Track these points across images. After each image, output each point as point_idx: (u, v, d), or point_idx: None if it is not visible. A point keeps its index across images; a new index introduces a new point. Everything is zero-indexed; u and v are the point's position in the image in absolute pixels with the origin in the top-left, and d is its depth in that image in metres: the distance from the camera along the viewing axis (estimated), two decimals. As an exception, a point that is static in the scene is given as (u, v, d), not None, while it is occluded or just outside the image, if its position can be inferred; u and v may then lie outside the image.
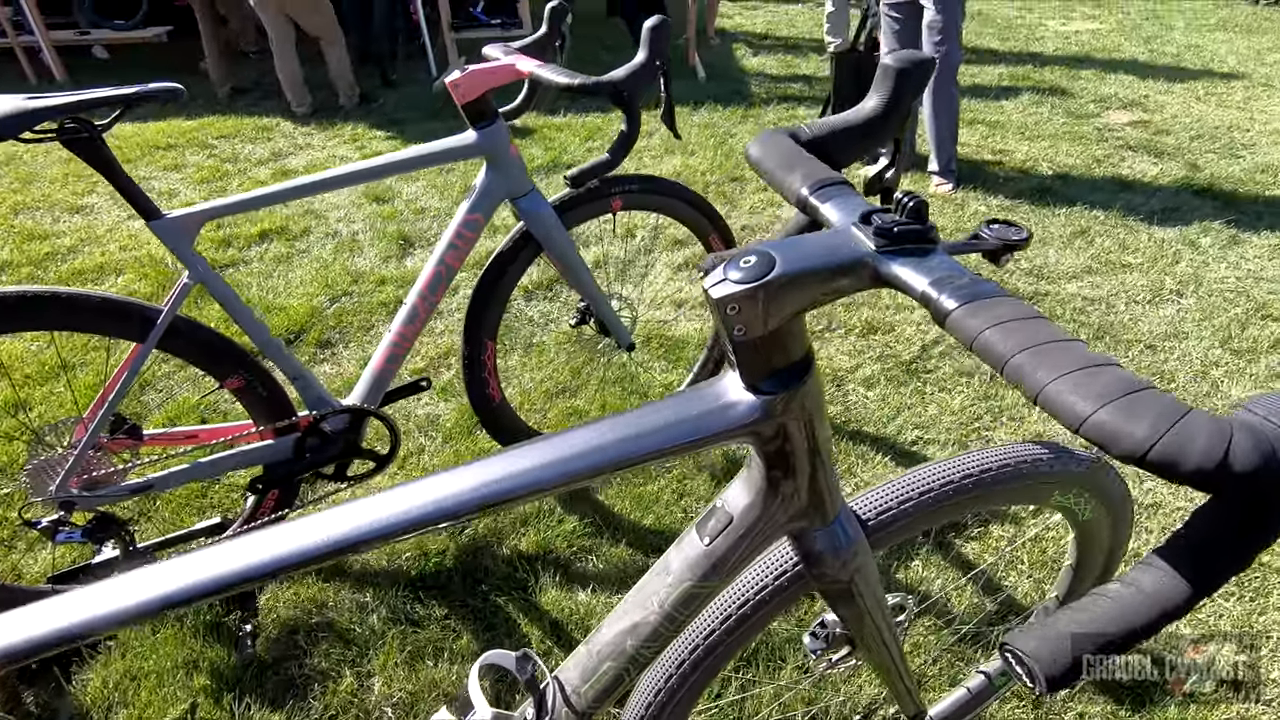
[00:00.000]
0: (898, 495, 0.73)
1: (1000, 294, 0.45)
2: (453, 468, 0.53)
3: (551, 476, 0.52)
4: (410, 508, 0.50)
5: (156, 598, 0.47)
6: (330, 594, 1.52)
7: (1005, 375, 0.41)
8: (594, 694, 0.70)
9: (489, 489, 0.51)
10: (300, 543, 0.49)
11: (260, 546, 0.49)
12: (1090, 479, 0.83)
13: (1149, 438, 0.35)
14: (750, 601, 0.73)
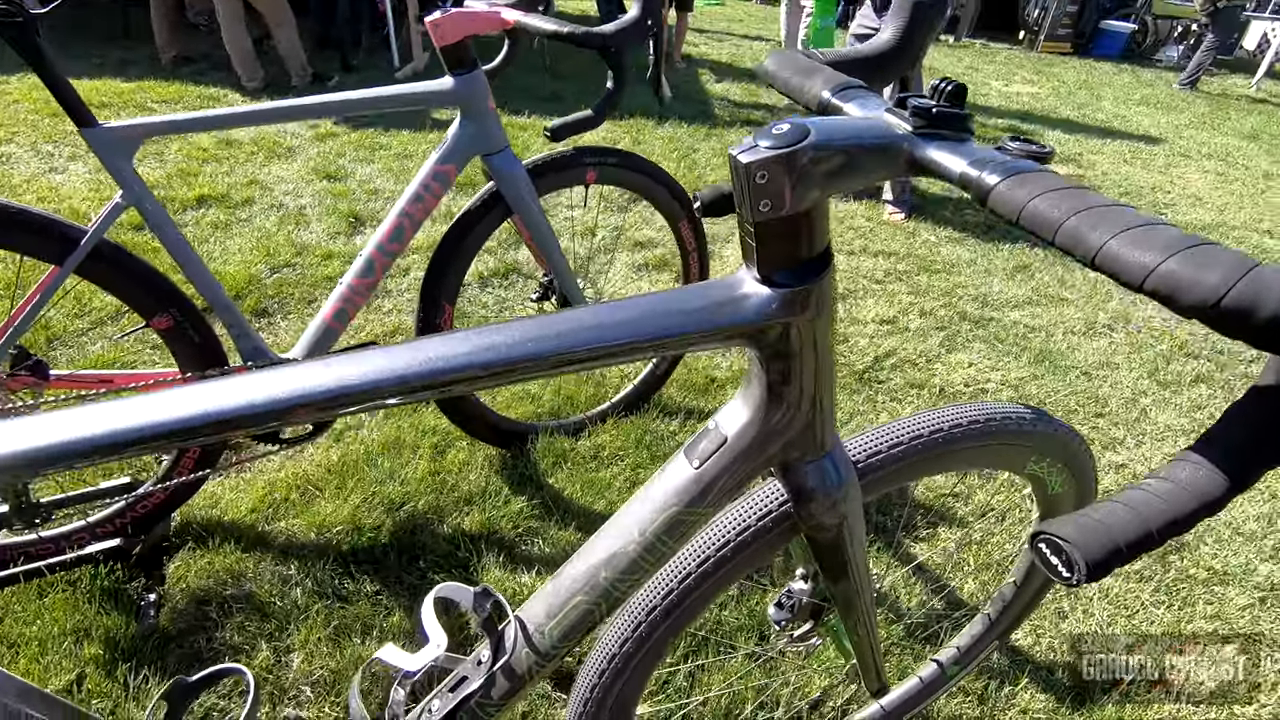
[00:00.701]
0: (889, 439, 0.71)
1: (1041, 169, 0.43)
2: (442, 334, 0.48)
3: (547, 350, 0.47)
4: (406, 365, 0.45)
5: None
6: (249, 565, 1.40)
7: (1058, 241, 0.39)
8: (560, 632, 0.64)
9: (480, 356, 0.46)
10: (255, 395, 0.42)
11: (223, 391, 0.42)
12: (1065, 448, 0.83)
13: (1221, 285, 0.33)
14: (731, 543, 0.68)
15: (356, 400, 0.44)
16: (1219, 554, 1.65)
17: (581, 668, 0.77)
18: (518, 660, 0.65)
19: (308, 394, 0.43)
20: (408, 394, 0.46)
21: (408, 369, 0.45)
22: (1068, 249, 0.39)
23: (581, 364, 0.49)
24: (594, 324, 0.48)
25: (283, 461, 1.67)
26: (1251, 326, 0.33)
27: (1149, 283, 0.35)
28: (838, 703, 1.24)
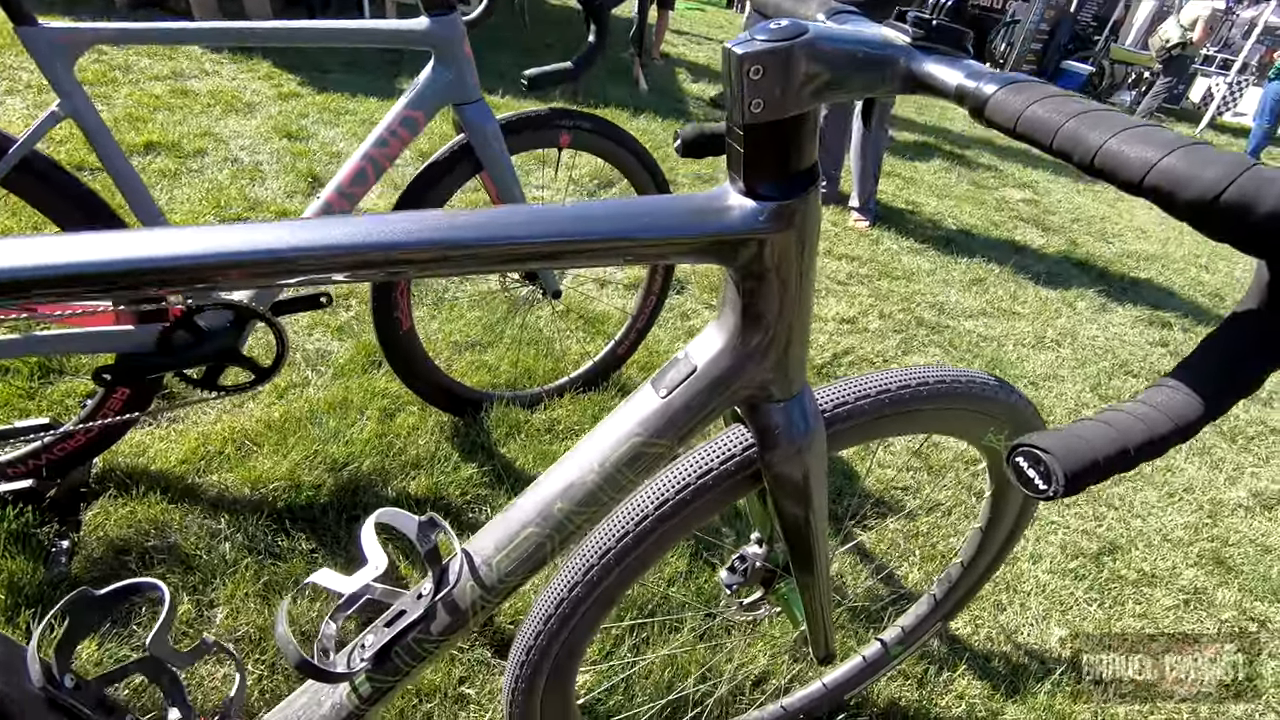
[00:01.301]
0: (856, 391, 0.70)
1: (1035, 79, 0.43)
2: (391, 214, 0.44)
3: (508, 237, 0.44)
4: (352, 235, 0.41)
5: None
6: (175, 516, 1.32)
7: (1056, 145, 0.39)
8: (508, 565, 0.61)
9: (431, 235, 0.43)
10: (181, 247, 0.38)
11: (148, 241, 0.38)
12: (1025, 423, 0.83)
13: (1221, 179, 0.33)
14: (691, 486, 0.66)
15: (291, 266, 0.41)
16: (1149, 558, 1.71)
17: (528, 614, 0.74)
18: (461, 593, 0.61)
19: (236, 254, 0.39)
20: (351, 267, 0.42)
21: (353, 239, 0.41)
22: (1066, 151, 0.38)
23: (544, 259, 0.46)
24: (562, 217, 0.46)
25: (218, 415, 1.58)
26: (1248, 224, 0.33)
27: (1150, 178, 0.34)
28: (781, 681, 1.24)
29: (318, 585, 0.57)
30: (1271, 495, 2.04)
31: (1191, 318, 3.15)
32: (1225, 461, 2.16)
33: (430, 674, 1.14)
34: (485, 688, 1.15)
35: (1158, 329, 2.97)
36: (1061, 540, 1.71)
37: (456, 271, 0.46)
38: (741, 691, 1.21)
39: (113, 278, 0.38)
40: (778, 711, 1.14)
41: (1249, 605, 1.62)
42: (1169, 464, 2.10)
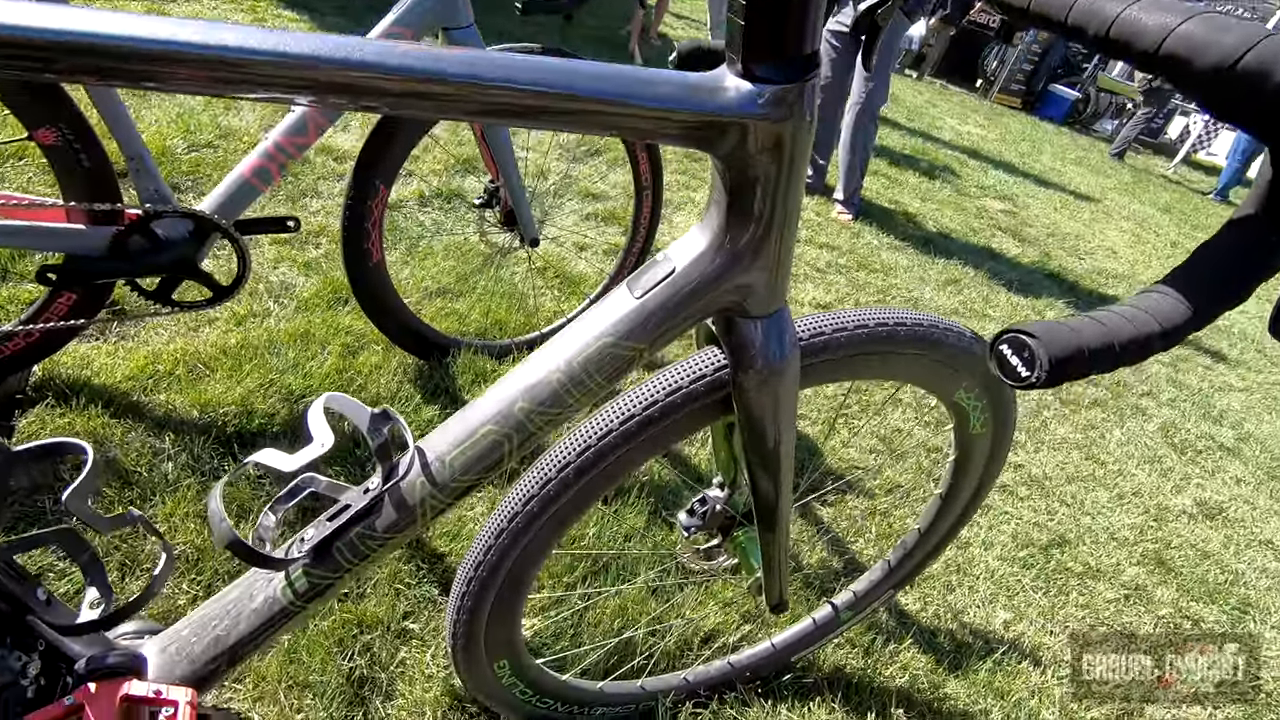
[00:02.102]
0: (834, 323, 0.69)
1: None
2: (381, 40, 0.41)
3: (489, 79, 0.41)
4: (323, 48, 0.38)
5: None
6: (117, 432, 1.26)
7: (1071, 18, 0.37)
8: (463, 463, 0.58)
9: (405, 63, 0.40)
10: (121, 28, 0.35)
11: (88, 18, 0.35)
12: (995, 383, 0.83)
13: (1240, 45, 0.31)
14: (659, 403, 0.64)
15: (243, 71, 0.37)
16: (1095, 553, 1.74)
17: (480, 530, 0.72)
18: (410, 489, 0.59)
19: (187, 45, 0.36)
20: (310, 86, 0.39)
21: (316, 52, 0.38)
22: (1080, 24, 0.37)
23: (525, 114, 0.44)
24: (552, 68, 0.43)
25: (171, 336, 1.52)
26: (1264, 95, 0.31)
27: (1167, 44, 0.33)
28: (730, 640, 1.23)
29: (260, 464, 0.54)
30: (1214, 505, 2.10)
31: (1153, 336, 3.22)
32: (1174, 471, 2.22)
33: (373, 606, 1.11)
34: (430, 624, 1.12)
35: (1120, 343, 3.04)
36: (1013, 530, 1.74)
37: (430, 112, 0.42)
38: (690, 646, 1.20)
39: (55, 49, 0.34)
40: (724, 668, 1.14)
41: (1185, 605, 1.67)
42: (1120, 468, 2.15)
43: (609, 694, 1.02)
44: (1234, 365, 3.19)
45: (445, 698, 1.02)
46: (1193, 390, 2.80)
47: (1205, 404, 2.72)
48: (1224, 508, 2.10)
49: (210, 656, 0.60)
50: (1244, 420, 2.68)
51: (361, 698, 1.01)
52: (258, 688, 0.98)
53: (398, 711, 1.01)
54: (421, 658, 1.07)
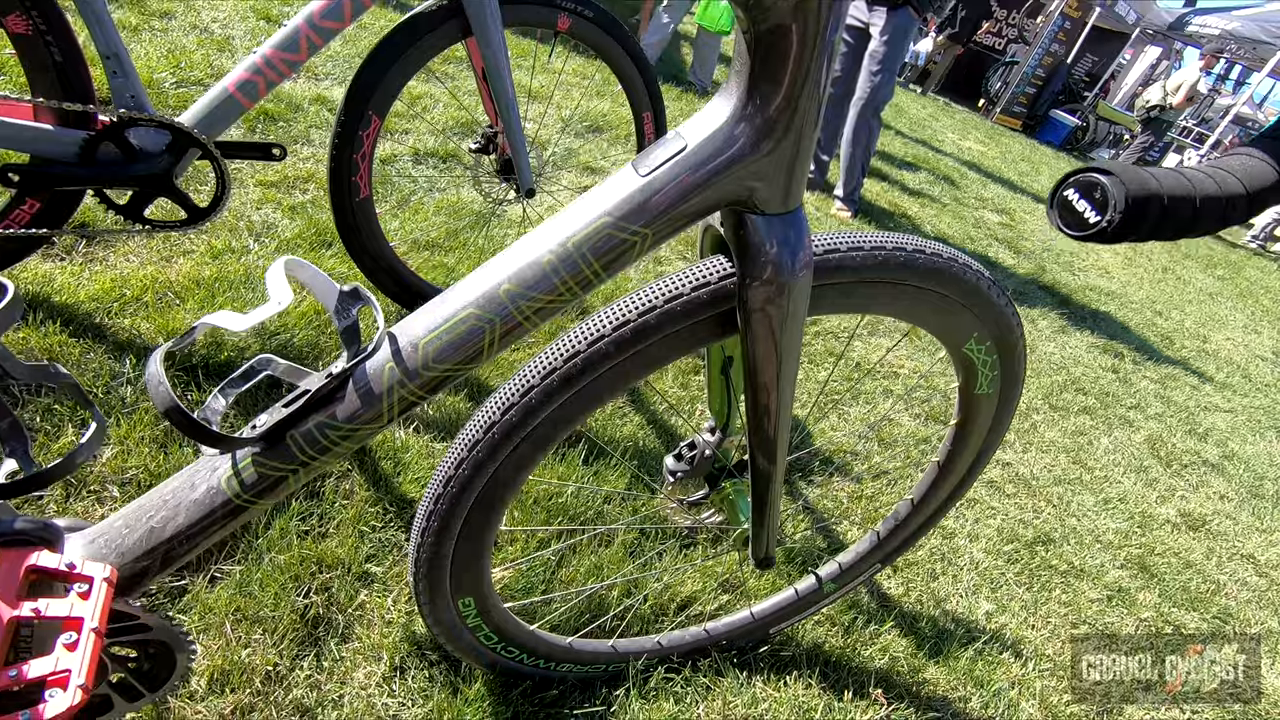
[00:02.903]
0: (850, 241, 0.64)
1: None
2: None
3: None
4: None
5: None
6: (75, 351, 1.19)
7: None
8: (438, 349, 0.53)
9: None
10: None
11: None
12: (1008, 333, 0.79)
13: None
14: (658, 309, 0.59)
15: None
16: (1079, 554, 1.71)
17: (453, 441, 0.66)
18: (377, 375, 0.53)
19: None
20: None
21: None
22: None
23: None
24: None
25: (142, 262, 1.45)
26: None
27: None
28: (706, 609, 1.18)
29: (208, 324, 0.48)
30: (1198, 518, 2.08)
31: (1142, 354, 3.23)
32: (1159, 482, 2.21)
33: (335, 546, 1.04)
34: (394, 569, 1.06)
35: (1110, 357, 3.03)
36: (999, 525, 1.70)
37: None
38: (665, 612, 1.15)
39: None
40: (700, 634, 1.08)
41: (1167, 610, 1.64)
42: (1107, 475, 2.13)
43: (578, 650, 0.97)
44: (1220, 387, 3.19)
45: (405, 644, 0.97)
46: (1179, 406, 2.80)
47: (1191, 421, 2.71)
48: (1207, 520, 2.09)
49: (143, 550, 0.54)
50: (1228, 439, 2.68)
51: (314, 637, 0.95)
52: (203, 619, 0.91)
53: (352, 655, 0.95)
54: (382, 602, 1.01)
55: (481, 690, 0.92)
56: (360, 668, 0.94)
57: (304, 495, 1.10)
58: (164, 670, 0.60)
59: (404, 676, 0.94)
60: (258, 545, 1.01)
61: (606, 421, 1.49)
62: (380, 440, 1.24)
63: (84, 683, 0.40)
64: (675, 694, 1.03)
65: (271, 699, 0.87)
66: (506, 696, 0.93)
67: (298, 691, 0.89)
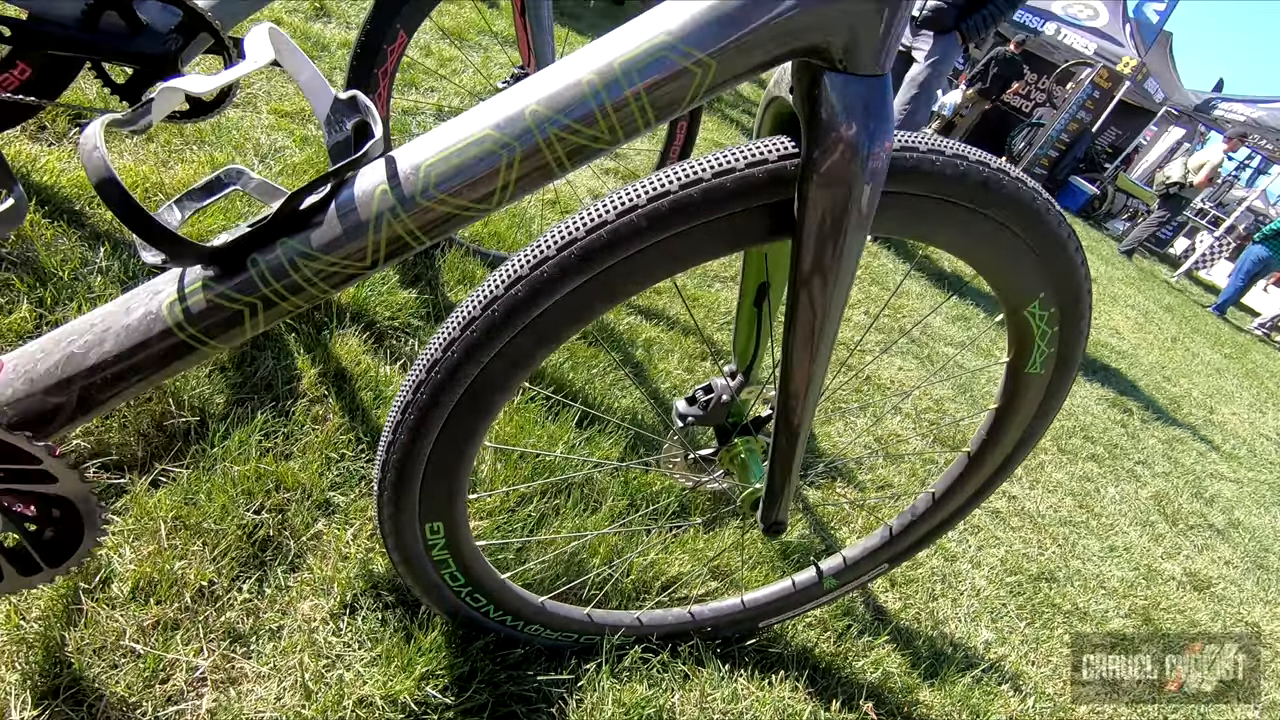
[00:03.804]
0: (930, 143, 0.56)
1: None
2: None
3: None
4: None
5: None
6: (47, 233, 1.10)
7: None
8: (442, 172, 0.44)
9: None
10: None
11: None
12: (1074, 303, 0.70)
13: None
14: (704, 184, 0.50)
15: None
16: (1083, 597, 1.62)
17: (443, 322, 0.57)
18: (365, 197, 0.44)
19: None
20: None
21: None
22: None
23: None
24: None
25: (137, 158, 1.36)
26: None
27: None
28: (692, 592, 1.08)
29: (170, 88, 0.39)
30: (1203, 579, 1.99)
31: (1151, 413, 3.15)
32: (1164, 538, 2.12)
33: (298, 468, 0.95)
34: (358, 503, 0.96)
35: (1119, 412, 2.96)
36: (1003, 555, 1.61)
37: None
38: (648, 590, 1.05)
39: None
40: (684, 617, 0.99)
41: (1171, 666, 1.54)
42: (1113, 523, 2.04)
43: (549, 612, 0.87)
44: (1226, 457, 3.12)
45: (359, 581, 0.87)
46: (1186, 469, 2.72)
47: (1198, 485, 2.63)
48: (1212, 583, 1.99)
49: (56, 380, 0.44)
50: (1234, 508, 2.60)
51: (260, 560, 0.85)
52: (139, 522, 0.81)
53: (299, 585, 0.85)
54: (341, 535, 0.91)
55: (438, 640, 0.81)
56: (306, 599, 0.84)
57: (271, 411, 1.00)
58: (68, 542, 0.51)
59: (354, 616, 0.84)
60: (212, 453, 0.91)
61: (604, 391, 1.40)
62: (362, 369, 1.14)
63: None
64: (650, 677, 0.93)
65: (200, 617, 0.77)
66: (465, 649, 0.82)
67: (232, 614, 0.79)
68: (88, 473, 0.84)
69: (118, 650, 0.71)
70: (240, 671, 0.75)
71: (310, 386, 1.08)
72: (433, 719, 0.76)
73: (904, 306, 2.78)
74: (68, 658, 0.69)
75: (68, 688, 0.67)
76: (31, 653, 0.68)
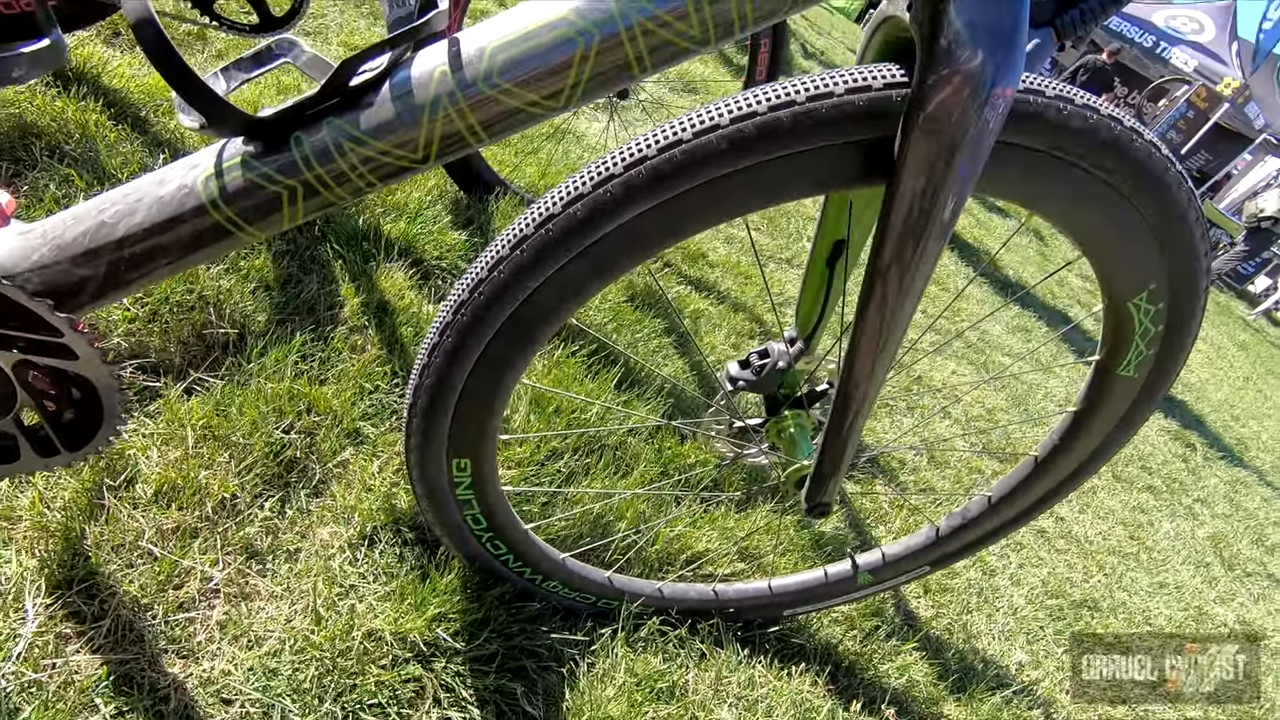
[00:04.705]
0: (1055, 87, 0.49)
1: None
2: None
3: None
4: None
5: None
6: (111, 134, 1.09)
7: None
8: (508, 58, 0.40)
9: None
10: None
11: None
12: (1187, 299, 0.62)
13: None
14: (795, 107, 0.45)
15: None
16: (1127, 629, 1.53)
17: (495, 237, 0.53)
18: (423, 78, 0.40)
19: None
20: None
21: None
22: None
23: None
24: None
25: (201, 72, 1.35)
26: None
27: None
28: (717, 569, 1.04)
29: None
30: (1258, 630, 1.87)
31: (1215, 451, 2.98)
32: (1219, 581, 1.99)
33: (331, 394, 0.93)
34: (388, 436, 0.94)
35: (1181, 446, 2.80)
36: (1045, 576, 1.53)
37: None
38: (672, 561, 1.01)
39: None
40: (706, 594, 0.94)
41: (1215, 716, 1.45)
42: (1165, 559, 1.93)
43: (570, 570, 0.84)
44: (1292, 508, 2.93)
45: (381, 514, 0.84)
46: (1249, 513, 2.56)
47: (1259, 531, 2.48)
48: (1267, 636, 1.87)
49: (84, 249, 0.42)
50: (1297, 560, 2.44)
51: (284, 481, 0.83)
52: (169, 427, 0.80)
53: (321, 510, 0.83)
54: (367, 465, 0.89)
55: (454, 582, 0.79)
56: (326, 525, 0.82)
57: (311, 334, 0.98)
58: (86, 426, 0.49)
59: (371, 548, 0.82)
60: (248, 368, 0.89)
61: (646, 357, 1.35)
62: (404, 304, 1.12)
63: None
64: (666, 651, 0.89)
65: (220, 529, 0.75)
66: (480, 596, 0.80)
67: (251, 530, 0.77)
68: (123, 369, 0.83)
69: (135, 550, 0.70)
70: (254, 588, 0.74)
71: (352, 315, 1.06)
72: (440, 663, 0.74)
73: (963, 310, 2.66)
74: (86, 551, 0.68)
75: (82, 580, 0.66)
76: (51, 541, 0.68)
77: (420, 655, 0.74)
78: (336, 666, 0.70)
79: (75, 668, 0.62)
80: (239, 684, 0.66)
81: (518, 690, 0.76)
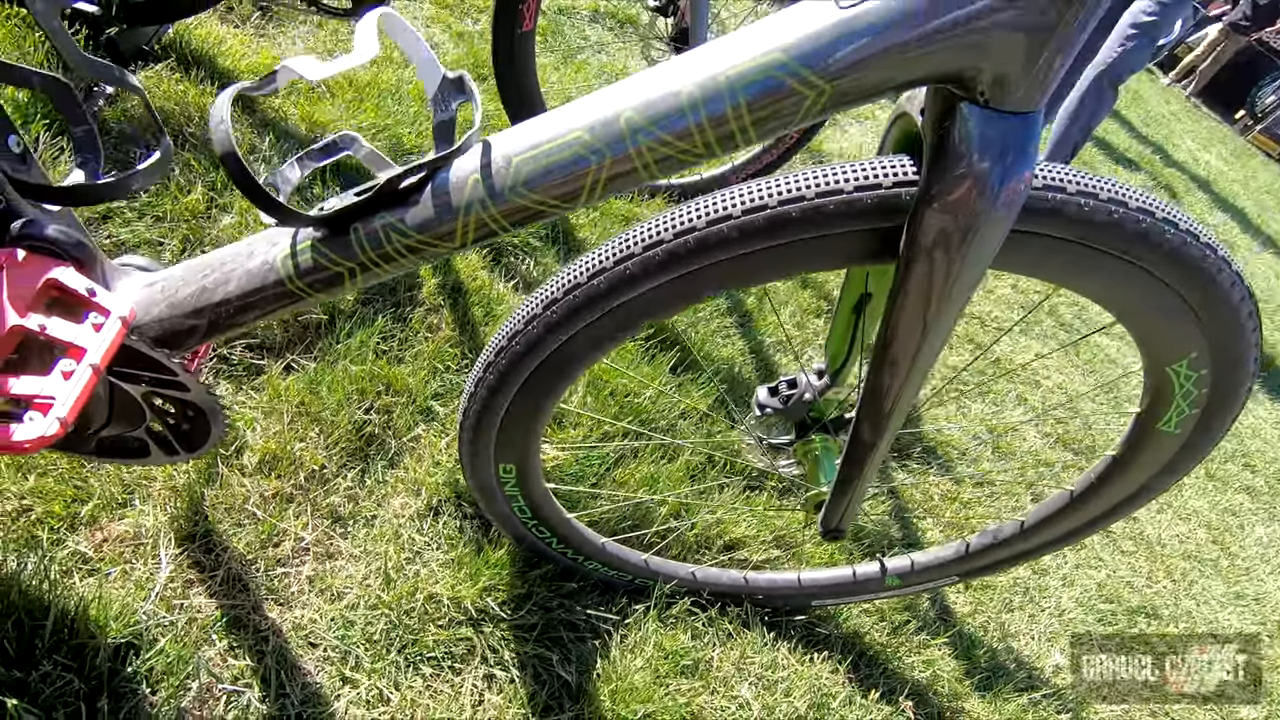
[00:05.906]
0: (1078, 181, 0.48)
1: None
2: None
3: None
4: None
5: None
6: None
7: None
8: (532, 170, 0.44)
9: None
10: None
11: None
12: (1233, 370, 0.60)
13: None
14: (804, 202, 0.47)
15: None
16: (1185, 640, 1.49)
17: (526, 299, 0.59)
18: (459, 184, 0.45)
19: None
20: None
21: None
22: None
23: None
24: None
25: (307, 48, 1.44)
26: None
27: None
28: (752, 557, 1.10)
29: (286, 68, 0.41)
30: (1343, 650, 1.76)
31: (1341, 449, 2.72)
32: (1311, 597, 1.88)
33: (407, 374, 1.03)
34: (455, 415, 1.04)
35: (1299, 441, 2.57)
36: (1102, 579, 1.50)
37: None
38: (708, 546, 1.08)
39: None
40: (737, 580, 1.01)
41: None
42: (1250, 568, 1.83)
43: (609, 553, 0.92)
44: None
45: (446, 488, 0.95)
46: (1367, 522, 2.35)
47: (1376, 542, 2.28)
48: (1355, 657, 1.76)
49: (191, 308, 0.51)
50: None
51: (364, 454, 0.95)
52: (271, 401, 0.93)
53: (395, 481, 0.94)
54: (436, 442, 1.00)
55: (504, 557, 0.89)
56: (398, 496, 0.93)
57: (391, 315, 1.08)
58: (199, 435, 0.60)
59: (436, 519, 0.93)
60: (336, 349, 1.01)
61: (706, 338, 1.39)
62: (477, 285, 1.20)
63: (65, 415, 0.37)
64: (695, 629, 0.97)
65: (310, 496, 0.88)
66: (525, 573, 0.90)
67: (336, 499, 0.89)
68: (232, 349, 0.96)
69: (242, 513, 0.84)
70: (337, 549, 0.87)
71: (429, 295, 1.15)
72: (489, 627, 0.85)
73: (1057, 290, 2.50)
74: (204, 511, 0.82)
75: (202, 536, 0.80)
76: (179, 500, 0.82)
77: (472, 619, 0.85)
78: (401, 623, 0.82)
79: (197, 608, 0.76)
80: (322, 631, 0.80)
81: (554, 658, 0.86)
